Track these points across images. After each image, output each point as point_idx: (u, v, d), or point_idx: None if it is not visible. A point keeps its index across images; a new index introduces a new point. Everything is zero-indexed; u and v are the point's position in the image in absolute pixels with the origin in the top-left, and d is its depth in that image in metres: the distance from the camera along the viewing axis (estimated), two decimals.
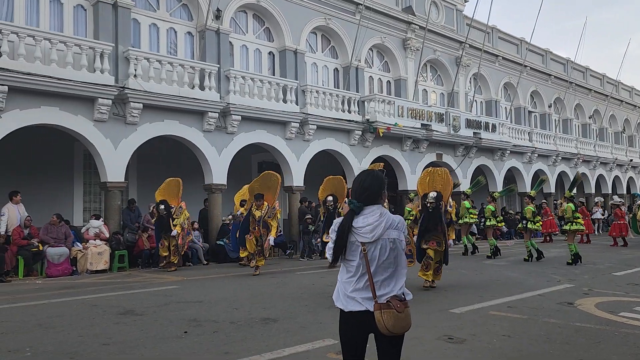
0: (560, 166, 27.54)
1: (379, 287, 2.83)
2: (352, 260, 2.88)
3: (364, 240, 2.84)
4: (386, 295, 2.83)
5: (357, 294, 2.86)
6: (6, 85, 10.88)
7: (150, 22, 14.47)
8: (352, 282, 2.88)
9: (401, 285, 2.90)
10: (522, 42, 26.98)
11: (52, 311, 7.11)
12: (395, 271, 2.89)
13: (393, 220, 2.91)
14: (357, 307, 2.85)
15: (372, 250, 2.84)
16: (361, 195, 2.96)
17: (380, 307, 2.79)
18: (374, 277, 2.83)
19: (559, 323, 6.09)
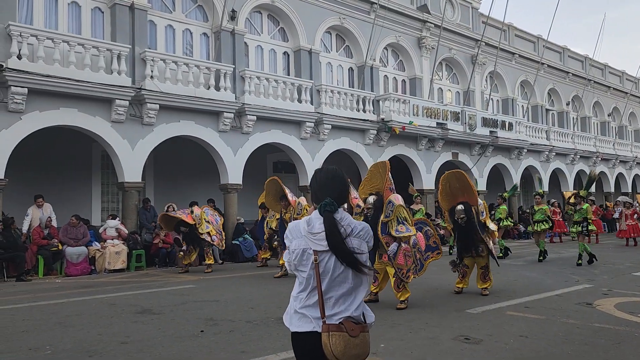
0: (579, 165, 27.18)
1: (331, 304, 2.41)
2: (302, 271, 2.47)
3: (317, 248, 2.42)
4: (339, 315, 2.39)
5: (307, 310, 2.43)
6: (26, 87, 11.06)
7: (166, 24, 14.60)
8: (302, 298, 2.47)
9: (359, 304, 2.46)
10: (539, 40, 26.68)
11: (71, 310, 7.22)
12: (353, 288, 2.45)
13: (355, 227, 2.50)
14: (306, 326, 2.42)
15: (326, 260, 2.42)
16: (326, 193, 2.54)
17: (328, 329, 2.35)
18: (327, 293, 2.41)
19: (577, 324, 6.01)
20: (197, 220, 11.52)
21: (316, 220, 2.48)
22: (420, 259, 7.39)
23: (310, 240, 2.45)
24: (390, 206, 7.07)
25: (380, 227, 7.05)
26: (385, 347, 5.09)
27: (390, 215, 7.05)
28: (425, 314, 6.65)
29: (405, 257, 7.04)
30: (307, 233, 2.46)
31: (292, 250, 2.51)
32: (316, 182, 2.62)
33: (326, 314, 2.39)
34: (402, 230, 7.03)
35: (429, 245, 7.63)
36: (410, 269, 7.11)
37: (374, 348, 5.01)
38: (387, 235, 7.07)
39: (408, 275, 7.06)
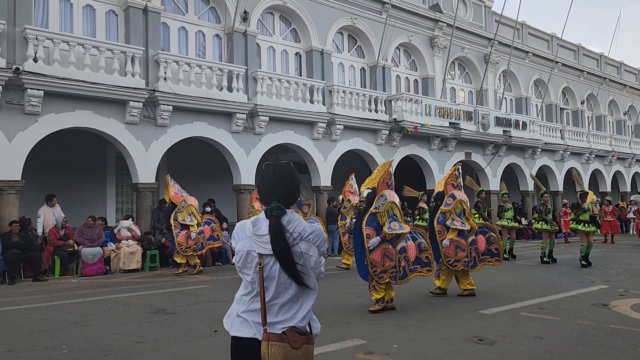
0: (594, 164, 26.86)
1: (275, 312, 2.25)
2: (247, 274, 2.33)
3: (262, 251, 2.26)
4: (282, 324, 2.24)
5: (249, 315, 2.29)
6: (42, 90, 11.22)
7: (179, 26, 14.71)
8: (245, 301, 2.32)
9: (305, 313, 2.28)
10: (553, 38, 26.42)
11: (87, 309, 7.31)
12: (300, 295, 2.28)
13: (304, 230, 2.30)
14: (246, 331, 2.27)
15: (271, 265, 2.26)
16: (273, 194, 2.36)
17: (269, 338, 2.20)
18: (271, 299, 2.25)
19: (593, 325, 5.95)
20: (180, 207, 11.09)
21: (263, 222, 2.31)
22: (405, 268, 7.07)
23: (254, 242, 2.29)
24: (382, 199, 6.95)
25: (367, 218, 6.90)
26: (398, 347, 5.08)
27: (380, 207, 6.87)
28: (438, 314, 6.63)
29: (383, 257, 6.80)
30: (252, 234, 2.30)
31: (237, 251, 2.36)
32: (262, 181, 2.42)
33: (268, 322, 2.23)
34: (395, 227, 6.85)
35: (420, 259, 7.30)
36: (387, 271, 6.82)
37: (387, 348, 5.02)
38: (370, 227, 6.86)
39: (382, 275, 6.78)
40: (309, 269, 2.29)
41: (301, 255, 2.27)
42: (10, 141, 11.13)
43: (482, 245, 8.15)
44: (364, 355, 4.81)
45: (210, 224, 11.81)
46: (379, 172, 7.54)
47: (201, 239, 11.43)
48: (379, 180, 7.15)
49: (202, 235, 11.46)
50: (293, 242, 2.26)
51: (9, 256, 10.38)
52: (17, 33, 11.39)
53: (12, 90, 11.12)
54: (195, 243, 11.27)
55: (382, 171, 7.33)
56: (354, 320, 6.31)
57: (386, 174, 7.22)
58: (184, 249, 11.19)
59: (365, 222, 6.89)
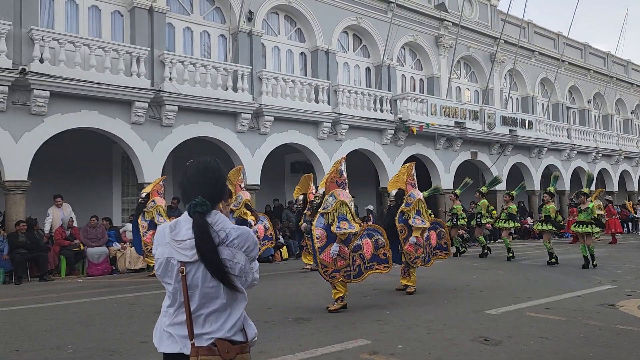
0: (601, 163, 26.71)
1: (201, 323, 2.07)
2: (168, 283, 2.13)
3: (182, 258, 2.06)
4: (210, 335, 2.06)
5: (174, 329, 2.09)
6: (48, 91, 11.28)
7: (184, 26, 14.74)
8: (170, 313, 2.13)
9: (234, 322, 2.11)
10: (559, 37, 26.29)
11: (92, 309, 7.33)
12: (228, 303, 2.10)
13: (229, 234, 2.10)
14: (173, 347, 2.08)
15: (194, 272, 2.06)
16: (197, 191, 2.15)
17: (197, 352, 2.02)
18: (196, 310, 2.07)
19: (599, 325, 5.91)
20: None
21: (184, 225, 2.10)
22: (360, 266, 7.06)
23: (174, 249, 2.08)
24: (330, 199, 6.90)
25: (317, 219, 6.89)
26: (403, 348, 5.07)
27: (328, 208, 6.81)
28: (444, 314, 6.61)
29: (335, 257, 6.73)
30: (171, 240, 2.10)
31: (155, 258, 2.16)
32: (185, 177, 2.20)
33: (195, 334, 2.05)
34: (344, 226, 6.73)
35: (377, 256, 7.21)
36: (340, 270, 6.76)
37: (392, 349, 5.00)
38: (320, 227, 6.82)
39: (334, 275, 6.76)
40: (234, 277, 2.08)
41: (225, 263, 2.06)
42: (17, 141, 11.20)
43: (434, 240, 8.60)
44: (369, 356, 4.80)
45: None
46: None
47: None
48: (327, 180, 7.08)
49: None
50: (218, 245, 2.06)
51: (15, 256, 10.44)
52: (23, 34, 11.45)
53: (19, 91, 11.19)
54: None
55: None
56: (358, 320, 6.29)
57: (334, 172, 7.13)
58: (150, 249, 10.73)
59: (316, 223, 6.84)
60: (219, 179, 2.23)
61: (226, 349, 2.05)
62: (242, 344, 2.11)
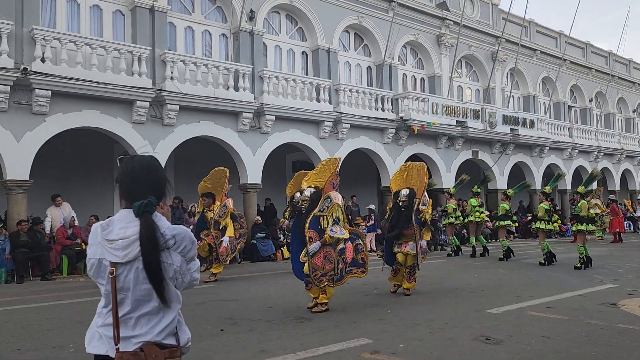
0: (603, 162, 26.67)
1: (132, 325, 2.00)
2: (102, 284, 2.07)
3: (113, 259, 1.99)
4: (138, 339, 1.99)
5: (105, 330, 2.03)
6: (50, 90, 11.29)
7: (185, 25, 14.75)
8: (104, 314, 2.07)
9: (166, 325, 2.03)
10: (560, 36, 26.26)
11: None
12: (160, 307, 2.03)
13: (164, 235, 2.04)
14: (100, 348, 2.02)
15: (125, 274, 1.99)
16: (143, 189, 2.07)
17: (122, 357, 1.95)
18: (128, 312, 2.00)
19: (601, 324, 5.90)
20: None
21: (117, 224, 2.02)
22: (342, 270, 6.85)
23: (105, 249, 2.01)
24: (327, 201, 6.66)
25: (311, 220, 6.61)
26: (404, 347, 5.07)
27: (325, 210, 6.58)
28: (445, 314, 6.60)
29: (324, 260, 6.60)
30: (103, 239, 2.02)
31: (88, 259, 2.09)
32: (128, 174, 2.10)
33: (123, 336, 1.98)
34: (337, 231, 6.58)
35: (356, 260, 7.05)
36: (327, 274, 6.62)
37: (393, 348, 5.00)
38: (313, 230, 6.57)
39: (321, 279, 6.59)
40: (167, 279, 2.01)
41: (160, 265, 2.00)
42: (19, 141, 11.21)
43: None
44: (370, 355, 4.80)
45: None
46: (325, 171, 7.11)
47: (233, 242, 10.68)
48: (326, 181, 6.85)
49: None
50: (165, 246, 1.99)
51: (17, 255, 10.46)
52: (24, 33, 11.46)
53: (20, 91, 11.20)
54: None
55: (331, 171, 6.95)
56: (360, 320, 6.30)
57: (333, 174, 6.92)
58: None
59: (309, 225, 6.59)
60: (162, 178, 2.16)
61: (153, 354, 1.98)
62: (172, 348, 2.03)
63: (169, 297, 2.03)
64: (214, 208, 9.97)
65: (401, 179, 8.43)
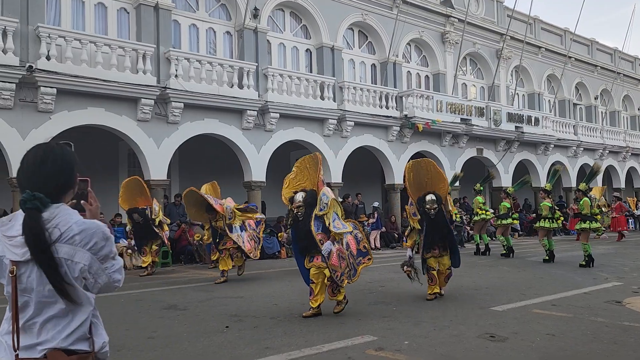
0: (608, 160, 26.57)
1: (37, 331, 1.81)
2: (4, 284, 1.87)
3: (13, 257, 1.81)
4: (43, 346, 1.80)
5: (7, 337, 1.83)
6: (55, 88, 11.32)
7: (190, 23, 14.76)
8: (9, 318, 1.85)
9: (74, 329, 1.83)
10: (566, 33, 26.14)
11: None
12: (68, 309, 1.83)
13: (69, 229, 1.83)
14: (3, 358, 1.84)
15: (28, 274, 1.81)
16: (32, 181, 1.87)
17: None
18: (31, 317, 1.81)
19: (606, 322, 5.90)
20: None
21: (19, 219, 1.84)
22: (353, 264, 6.65)
23: (5, 246, 1.82)
24: (324, 199, 6.38)
25: (314, 223, 6.29)
26: (409, 344, 5.07)
27: (325, 208, 6.31)
28: (450, 311, 6.61)
29: (339, 259, 6.36)
30: (2, 235, 1.83)
31: None
32: (21, 165, 1.91)
33: (27, 344, 1.79)
34: (339, 226, 6.33)
35: (360, 250, 6.87)
36: (344, 272, 6.40)
37: (398, 345, 5.01)
38: (322, 232, 6.29)
39: (342, 279, 6.37)
40: (72, 279, 1.81)
41: (62, 263, 1.79)
42: (24, 139, 11.26)
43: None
44: (375, 352, 4.81)
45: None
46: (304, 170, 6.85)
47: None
48: (317, 180, 6.58)
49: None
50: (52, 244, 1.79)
51: None
52: (30, 31, 11.50)
53: (26, 88, 11.24)
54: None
55: (311, 169, 6.62)
56: (365, 317, 6.31)
57: (320, 171, 6.63)
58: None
59: (315, 228, 6.28)
60: (63, 167, 1.94)
61: None
62: (81, 354, 1.84)
63: (75, 298, 1.83)
64: (219, 217, 9.55)
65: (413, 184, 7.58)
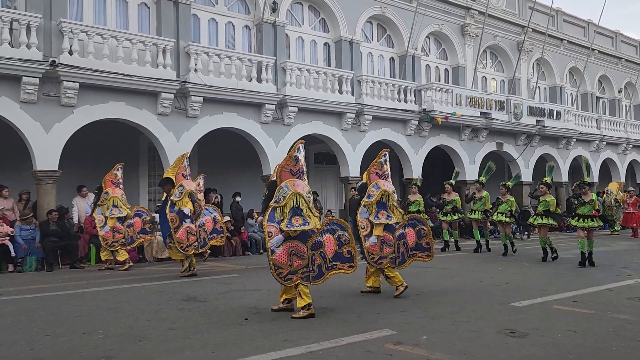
0: (631, 154, 26.08)
1: None
2: None
3: None
4: None
5: None
6: (77, 82, 11.50)
7: (209, 17, 14.83)
8: None
9: None
10: (589, 25, 25.62)
11: (121, 296, 7.50)
12: None
13: None
14: None
15: None
16: None
17: None
18: None
19: (629, 319, 5.80)
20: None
21: None
22: (321, 266, 6.08)
23: None
24: (283, 190, 6.01)
25: (269, 214, 6.02)
26: (427, 339, 5.06)
27: (282, 201, 5.98)
28: (469, 306, 6.57)
29: (290, 256, 5.94)
30: None
31: None
32: None
33: None
34: (296, 223, 5.92)
35: (340, 254, 6.24)
36: (298, 271, 5.95)
37: (416, 339, 5.00)
38: (272, 223, 5.98)
39: (290, 277, 5.94)
40: None
41: None
42: (48, 132, 11.46)
43: (412, 239, 7.33)
44: (393, 346, 4.81)
45: (142, 216, 10.83)
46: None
47: (130, 232, 10.60)
48: (277, 170, 6.20)
49: (131, 229, 10.60)
50: None
51: (47, 244, 10.72)
52: (52, 26, 11.67)
53: (49, 83, 11.43)
54: (124, 237, 10.50)
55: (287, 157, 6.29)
56: (383, 311, 6.30)
57: (288, 159, 6.23)
58: (110, 243, 10.45)
59: (268, 218, 6.03)
60: None
61: None
62: None
63: None
64: (172, 192, 9.31)
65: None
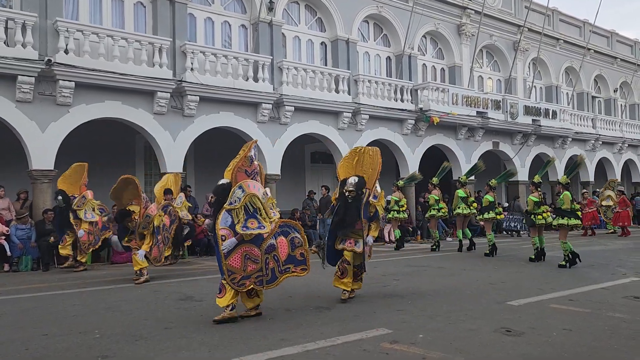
0: (627, 154, 26.18)
1: None
2: None
3: None
4: None
5: None
6: (73, 81, 11.47)
7: (205, 16, 14.80)
8: None
9: None
10: (585, 24, 25.69)
11: (117, 296, 7.49)
12: None
13: None
14: None
15: None
16: None
17: None
18: None
19: (624, 318, 5.83)
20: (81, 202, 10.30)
21: None
22: (274, 269, 5.86)
23: None
24: (239, 192, 5.73)
25: (222, 216, 5.71)
26: (424, 337, 5.07)
27: (237, 203, 5.67)
28: (465, 305, 6.58)
29: (244, 260, 5.67)
30: None
31: None
32: None
33: None
34: (252, 226, 5.60)
35: (293, 257, 6.03)
36: (251, 276, 5.70)
37: (412, 338, 5.01)
38: (225, 227, 5.66)
39: (243, 283, 5.68)
40: None
41: None
42: (44, 131, 11.43)
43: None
44: (390, 345, 4.82)
45: (101, 214, 10.83)
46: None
47: (97, 232, 10.60)
48: (233, 170, 5.95)
49: (97, 228, 10.60)
50: None
51: (42, 243, 10.69)
52: (48, 25, 11.63)
53: (45, 82, 11.40)
54: (94, 238, 10.53)
55: (241, 156, 6.06)
56: (379, 310, 6.31)
57: (243, 160, 5.99)
58: (87, 246, 10.40)
59: (221, 221, 5.70)
60: None
61: None
62: None
63: None
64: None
65: (350, 166, 7.18)
